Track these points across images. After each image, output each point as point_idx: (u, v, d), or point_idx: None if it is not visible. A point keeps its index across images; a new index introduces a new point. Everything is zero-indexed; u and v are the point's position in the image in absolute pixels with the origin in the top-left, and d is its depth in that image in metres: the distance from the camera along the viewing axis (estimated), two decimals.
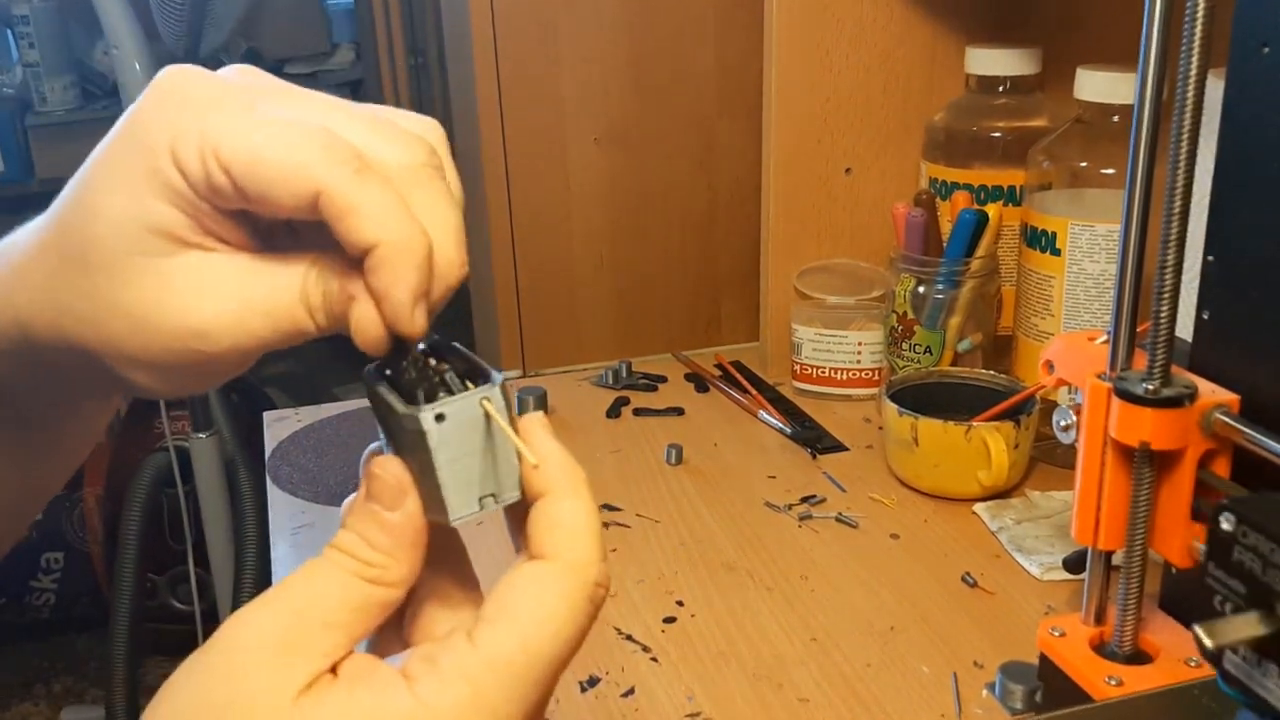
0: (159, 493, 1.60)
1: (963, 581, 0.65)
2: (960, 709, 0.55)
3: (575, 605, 0.28)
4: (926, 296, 0.80)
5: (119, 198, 0.30)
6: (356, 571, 0.29)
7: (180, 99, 0.30)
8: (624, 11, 0.93)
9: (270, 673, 0.27)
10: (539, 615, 0.28)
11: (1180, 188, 0.42)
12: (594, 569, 0.29)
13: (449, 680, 0.27)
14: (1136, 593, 0.47)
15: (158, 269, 0.30)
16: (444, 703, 0.27)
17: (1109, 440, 0.46)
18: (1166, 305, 0.43)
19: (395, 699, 0.27)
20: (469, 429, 0.29)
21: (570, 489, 0.30)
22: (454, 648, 0.28)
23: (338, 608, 0.28)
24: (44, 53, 1.87)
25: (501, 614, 0.28)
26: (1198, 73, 0.41)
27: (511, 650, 0.27)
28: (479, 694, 0.27)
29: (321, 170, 0.28)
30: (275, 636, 0.28)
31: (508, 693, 0.27)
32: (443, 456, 0.29)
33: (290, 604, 0.28)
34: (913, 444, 0.73)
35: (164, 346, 0.30)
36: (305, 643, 0.28)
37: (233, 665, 0.27)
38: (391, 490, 0.29)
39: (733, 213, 1.00)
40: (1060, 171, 0.75)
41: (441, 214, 0.30)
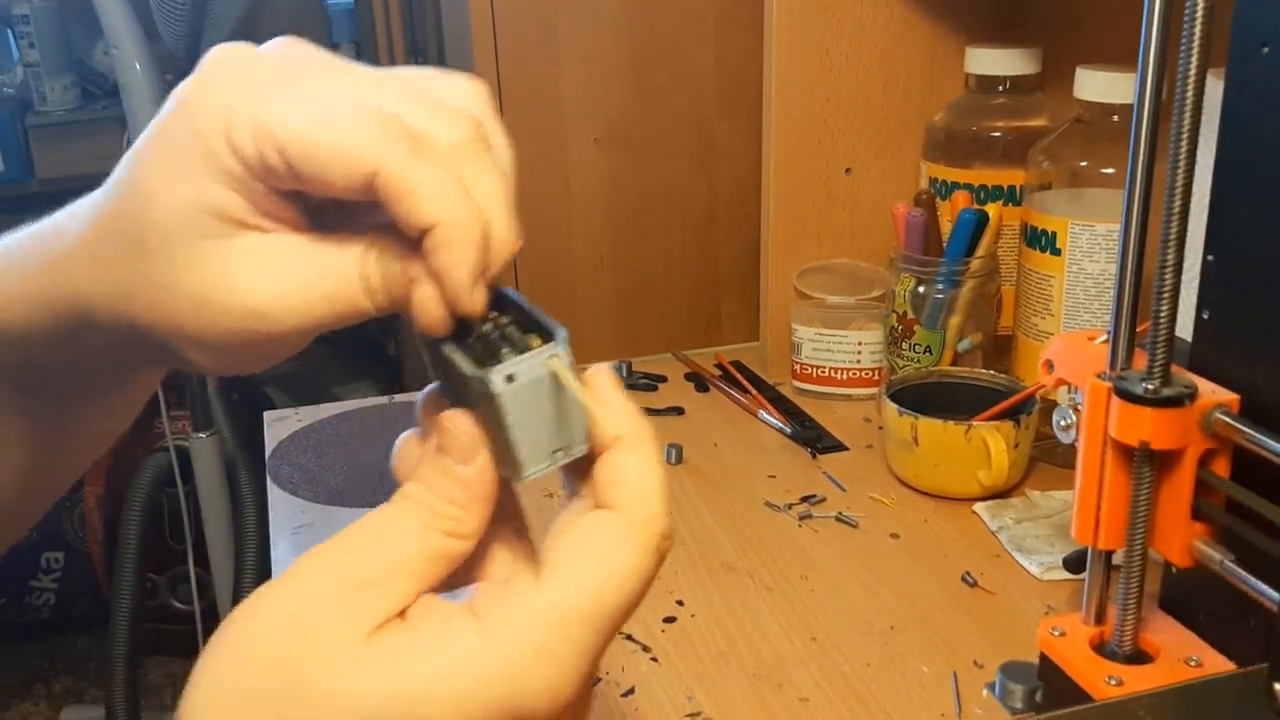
0: (159, 492, 1.60)
1: (963, 581, 0.65)
2: (960, 709, 0.55)
3: (643, 559, 0.28)
4: (926, 296, 0.80)
5: (175, 182, 0.30)
6: (429, 523, 0.29)
7: (230, 79, 0.30)
8: (624, 11, 0.93)
9: (341, 610, 0.27)
10: (608, 568, 0.28)
11: (1180, 187, 0.42)
12: (660, 523, 0.29)
13: (517, 625, 0.27)
14: (1137, 592, 0.47)
15: (216, 251, 0.30)
16: (511, 647, 0.27)
17: (1109, 440, 0.46)
18: (1166, 305, 0.43)
19: (462, 637, 0.27)
20: (537, 387, 0.29)
21: (637, 442, 0.30)
22: (521, 591, 0.28)
23: (411, 556, 0.28)
24: (44, 53, 1.87)
25: (570, 563, 0.28)
26: (1197, 72, 0.41)
27: (580, 600, 0.27)
28: (546, 640, 0.27)
29: (376, 151, 0.28)
30: (348, 576, 0.28)
31: (574, 642, 0.27)
32: (513, 416, 0.29)
33: (363, 548, 0.28)
34: (913, 444, 0.73)
35: (225, 328, 0.31)
36: (377, 585, 0.28)
37: (305, 601, 0.28)
38: (463, 445, 0.29)
39: (733, 213, 1.00)
40: (1060, 171, 0.75)
41: (491, 189, 0.30)
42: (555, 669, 0.27)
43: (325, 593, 0.28)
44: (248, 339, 0.31)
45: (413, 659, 0.27)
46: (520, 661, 0.27)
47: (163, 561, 1.73)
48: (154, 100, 1.59)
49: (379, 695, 0.27)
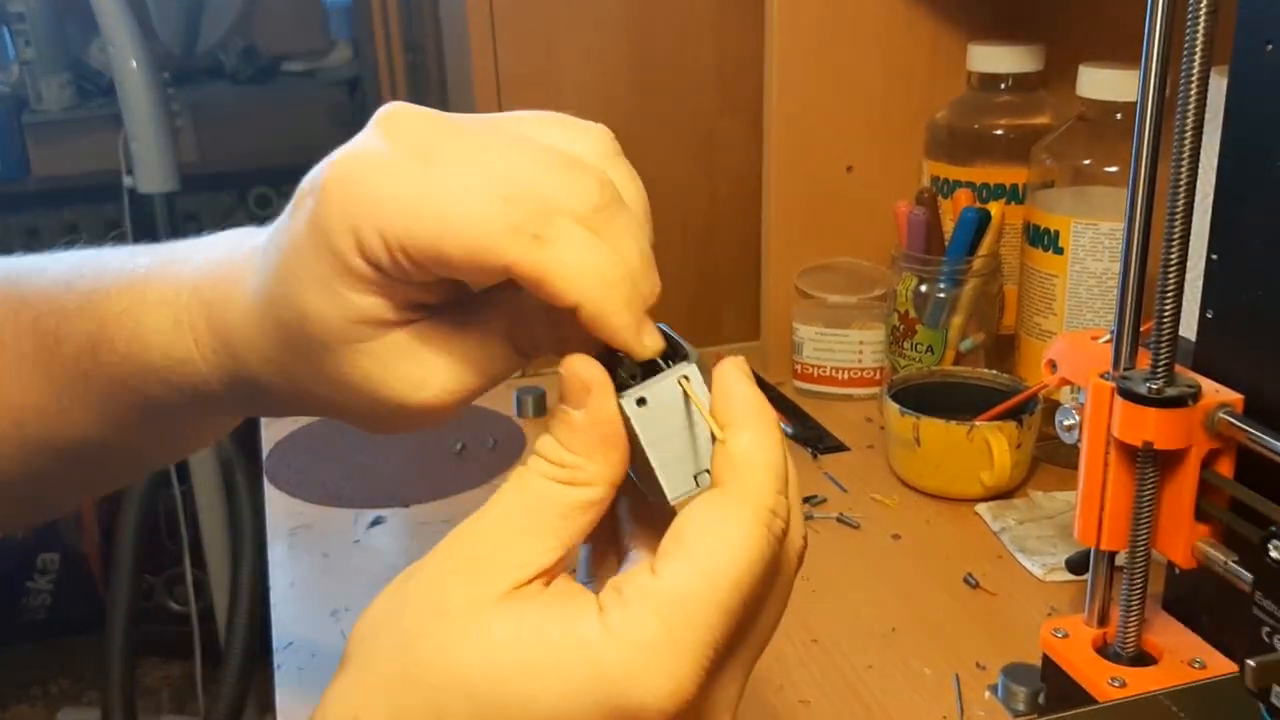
0: (156, 494, 1.60)
1: (965, 582, 0.65)
2: (962, 711, 0.54)
3: (753, 533, 0.28)
4: (928, 295, 0.80)
5: (320, 297, 0.31)
6: (551, 474, 0.29)
7: (354, 186, 0.30)
8: (624, 11, 0.92)
9: (471, 576, 0.28)
10: (712, 542, 0.27)
11: (1183, 185, 0.42)
12: (767, 496, 0.28)
13: (635, 612, 0.27)
14: (1140, 594, 0.47)
15: (374, 353, 0.32)
16: (630, 635, 0.26)
17: (1112, 440, 0.45)
18: (1170, 304, 0.43)
19: (584, 623, 0.27)
20: (670, 409, 0.30)
21: (750, 421, 0.30)
22: (636, 578, 0.27)
23: (537, 512, 0.29)
24: (40, 50, 1.87)
25: (678, 545, 0.28)
26: (1201, 70, 0.41)
27: (690, 580, 0.27)
28: (666, 626, 0.26)
29: (504, 247, 0.29)
30: (484, 541, 0.28)
31: (694, 623, 0.27)
32: (648, 439, 0.29)
33: (498, 515, 0.29)
34: (914, 444, 0.73)
35: (397, 416, 0.33)
36: (507, 549, 0.28)
37: (443, 568, 0.28)
38: (575, 388, 0.29)
39: (733, 212, 0.99)
40: (1063, 169, 0.75)
41: (629, 248, 0.30)
42: (672, 661, 0.26)
43: (460, 558, 0.28)
44: (420, 422, 0.33)
45: (530, 637, 0.27)
46: (635, 654, 0.26)
47: (159, 563, 1.73)
48: (150, 98, 1.59)
49: (487, 666, 0.27)
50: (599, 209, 0.30)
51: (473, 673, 0.27)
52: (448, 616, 0.27)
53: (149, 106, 1.58)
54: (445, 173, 0.30)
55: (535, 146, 0.31)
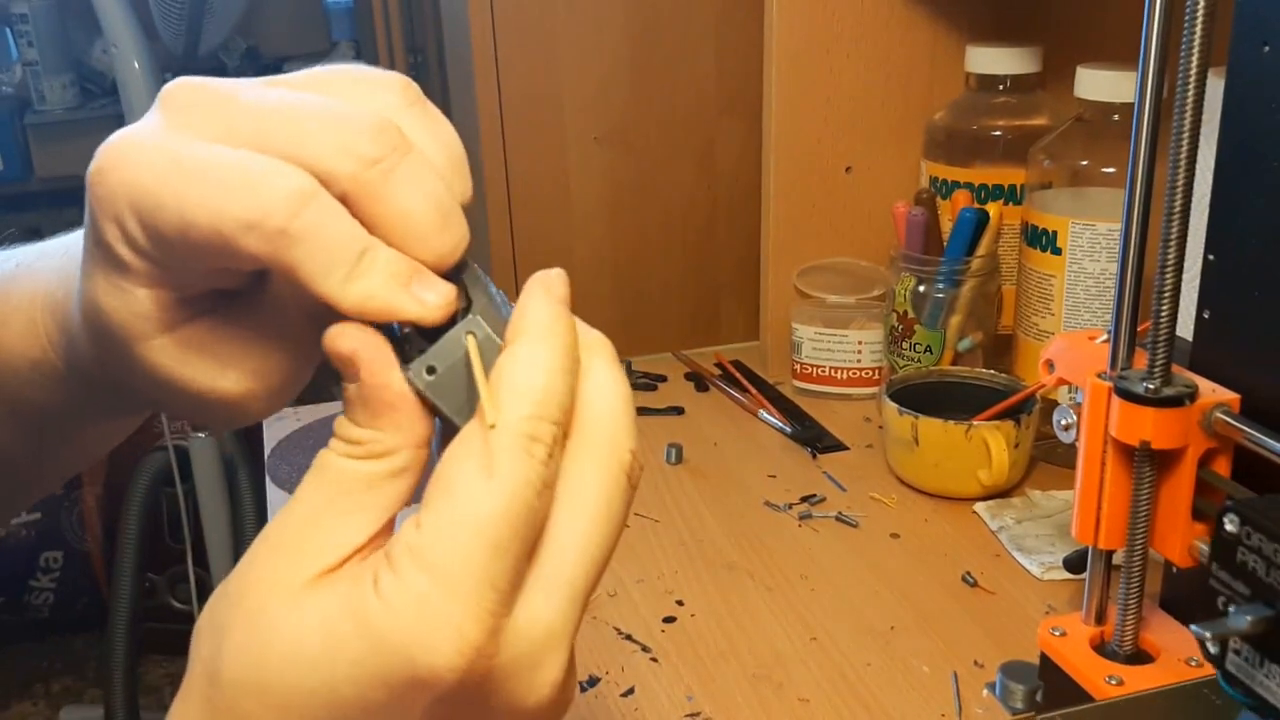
0: (158, 492, 1.60)
1: (963, 581, 0.65)
2: (961, 708, 0.55)
3: (506, 461, 0.26)
4: (927, 295, 0.80)
5: (106, 291, 0.30)
6: (347, 452, 0.28)
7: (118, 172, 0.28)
8: (624, 12, 0.92)
9: (277, 564, 0.27)
10: (466, 481, 0.26)
11: (1181, 186, 0.42)
12: (524, 423, 0.26)
13: (402, 572, 0.25)
14: (1137, 592, 0.47)
15: (164, 347, 0.30)
16: (400, 596, 0.25)
17: (1109, 439, 0.46)
18: (1167, 304, 0.43)
19: (362, 598, 0.25)
20: (464, 368, 0.27)
21: (533, 335, 0.27)
22: (402, 536, 0.26)
23: (339, 492, 0.27)
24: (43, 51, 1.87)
25: (437, 490, 0.26)
26: (1198, 71, 0.41)
27: (449, 525, 0.25)
28: (433, 578, 0.25)
29: (242, 235, 0.26)
30: (293, 525, 0.27)
31: (462, 567, 0.25)
32: (449, 406, 0.27)
33: (304, 499, 0.28)
34: (913, 443, 0.73)
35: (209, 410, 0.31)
36: (314, 531, 0.27)
37: (254, 555, 0.27)
38: (342, 364, 0.28)
39: (733, 212, 1.00)
40: (1061, 170, 0.75)
41: (411, 201, 0.27)
42: (447, 612, 0.25)
43: (270, 544, 0.27)
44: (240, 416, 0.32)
45: (316, 622, 0.25)
46: (409, 616, 0.25)
47: (162, 561, 1.73)
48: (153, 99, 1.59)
49: (279, 664, 0.25)
50: (373, 162, 0.27)
51: (266, 669, 0.26)
52: (245, 609, 0.26)
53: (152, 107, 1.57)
54: (195, 152, 0.27)
55: (307, 107, 0.28)
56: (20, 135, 1.87)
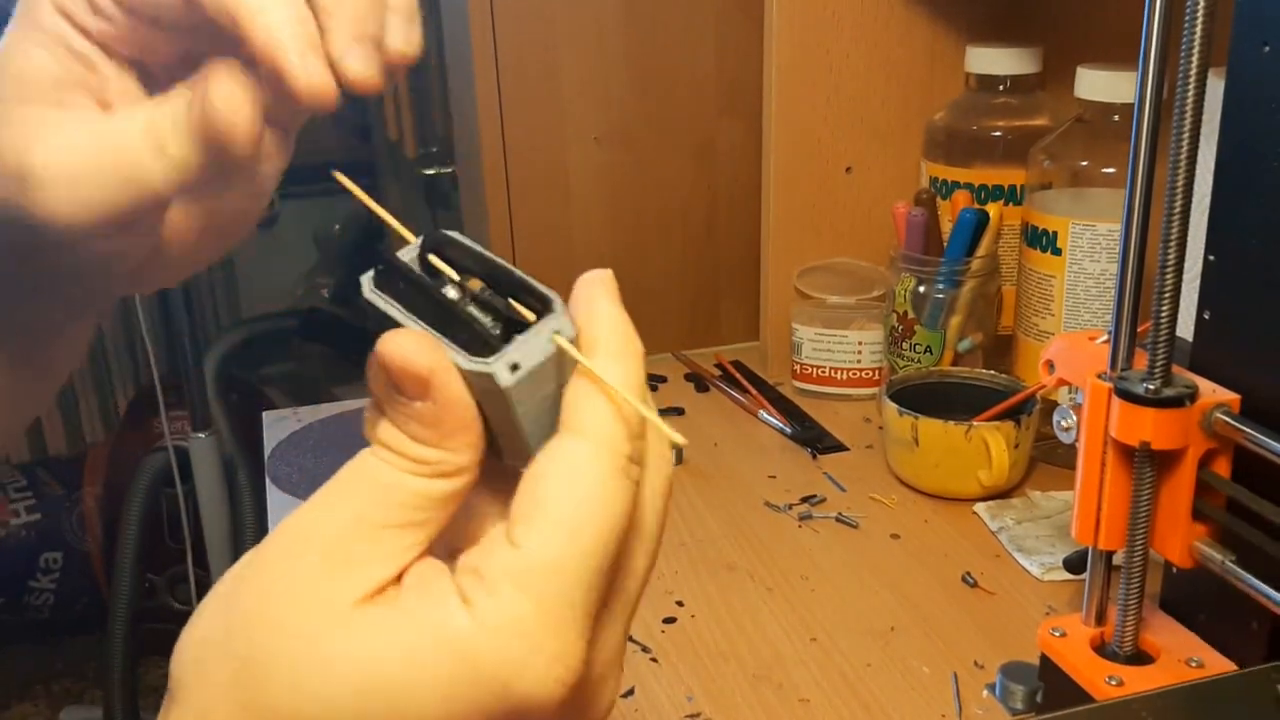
0: (158, 492, 1.60)
1: (963, 582, 0.65)
2: (961, 709, 0.55)
3: (607, 484, 0.25)
4: (927, 296, 0.80)
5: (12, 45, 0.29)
6: (410, 470, 0.25)
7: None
8: (624, 11, 0.92)
9: (326, 577, 0.24)
10: (570, 501, 0.25)
11: (1181, 187, 0.42)
12: (622, 443, 0.25)
13: (501, 594, 0.24)
14: (1137, 593, 0.47)
15: (25, 118, 0.29)
16: (502, 621, 0.24)
17: (1110, 440, 0.46)
18: (1167, 305, 0.43)
19: (450, 618, 0.24)
20: (545, 370, 0.25)
21: (621, 348, 0.26)
22: (494, 554, 0.24)
23: (399, 508, 0.25)
24: None
25: (534, 509, 0.25)
26: (1198, 71, 0.41)
27: (553, 548, 0.24)
28: (537, 604, 0.24)
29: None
30: (335, 538, 0.25)
31: (566, 594, 0.24)
32: (523, 408, 0.25)
33: (350, 504, 0.25)
34: (913, 444, 0.73)
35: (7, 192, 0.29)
36: (365, 546, 0.25)
37: (289, 568, 0.25)
38: (410, 380, 0.25)
39: (733, 212, 1.00)
40: (1061, 171, 0.75)
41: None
42: (551, 644, 0.24)
43: (307, 557, 0.25)
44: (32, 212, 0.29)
45: (396, 645, 0.24)
46: (511, 641, 0.24)
47: (161, 561, 1.73)
48: None
49: (351, 688, 0.24)
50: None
51: (336, 699, 0.24)
52: (297, 631, 0.24)
53: None
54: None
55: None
56: None
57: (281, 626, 0.24)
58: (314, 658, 0.24)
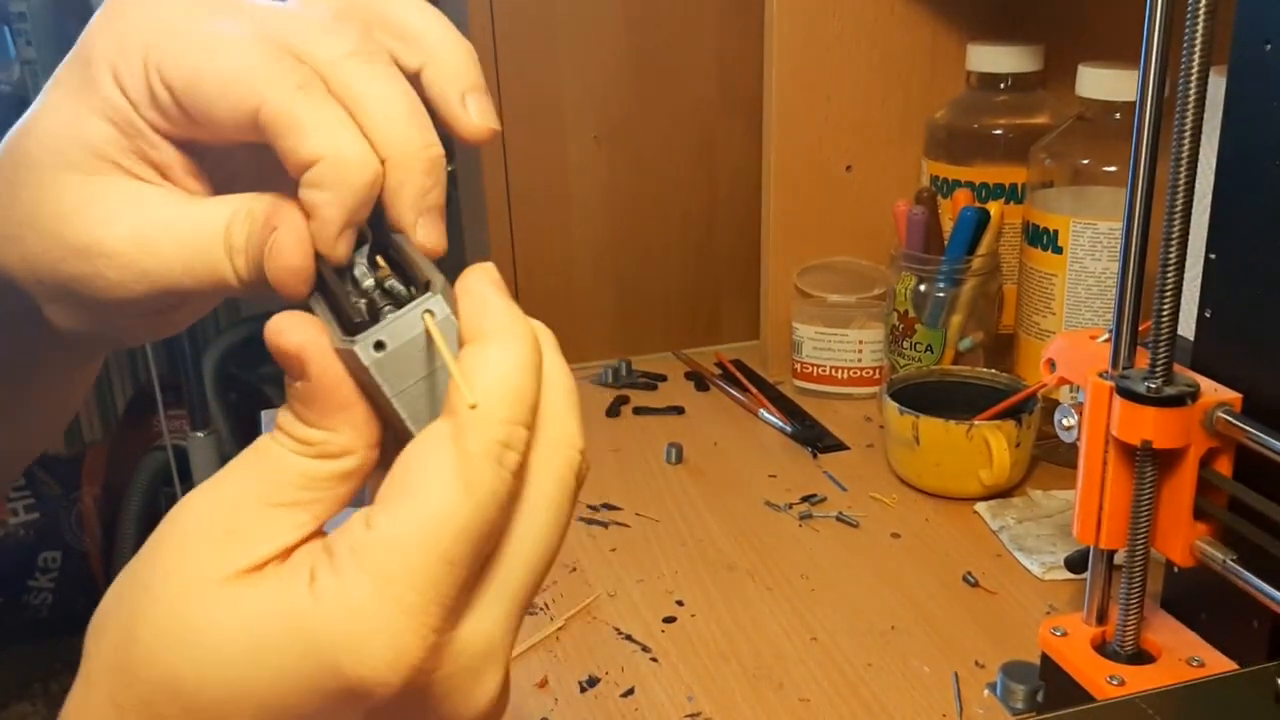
0: (157, 492, 1.60)
1: (964, 581, 0.65)
2: (961, 709, 0.55)
3: (473, 468, 0.24)
4: (928, 295, 0.80)
5: (58, 113, 0.29)
6: (294, 449, 0.26)
7: (125, 13, 0.29)
8: (624, 11, 0.92)
9: (208, 555, 0.25)
10: (429, 484, 0.24)
11: (1182, 185, 0.42)
12: (495, 428, 0.24)
13: (344, 573, 0.24)
14: (1138, 592, 0.47)
15: (82, 185, 0.29)
16: (340, 599, 0.23)
17: (1111, 439, 0.46)
18: (1168, 303, 0.43)
19: (294, 595, 0.24)
20: (414, 348, 0.26)
21: (502, 331, 0.26)
22: (349, 533, 0.24)
23: (282, 487, 0.25)
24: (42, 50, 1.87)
25: (394, 491, 0.24)
26: (1200, 70, 0.41)
27: (404, 529, 0.24)
28: (380, 586, 0.23)
29: (261, 84, 0.27)
30: (219, 514, 0.25)
31: (412, 578, 0.23)
32: (391, 387, 0.26)
33: (233, 486, 0.26)
34: (914, 443, 0.73)
35: (73, 268, 0.29)
36: (247, 523, 0.25)
37: (170, 542, 0.26)
38: (288, 359, 0.26)
39: (733, 211, 1.00)
40: (1062, 169, 0.75)
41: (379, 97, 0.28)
42: (390, 623, 0.23)
43: (189, 532, 0.25)
44: (95, 285, 0.29)
45: (241, 621, 0.24)
46: (348, 622, 0.23)
47: None
48: None
49: (195, 661, 0.24)
50: (356, 53, 0.28)
51: (181, 668, 0.24)
52: (161, 601, 0.24)
53: None
54: (214, 13, 0.28)
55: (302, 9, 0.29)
56: None
57: (156, 595, 0.25)
58: (173, 627, 0.24)
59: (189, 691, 0.24)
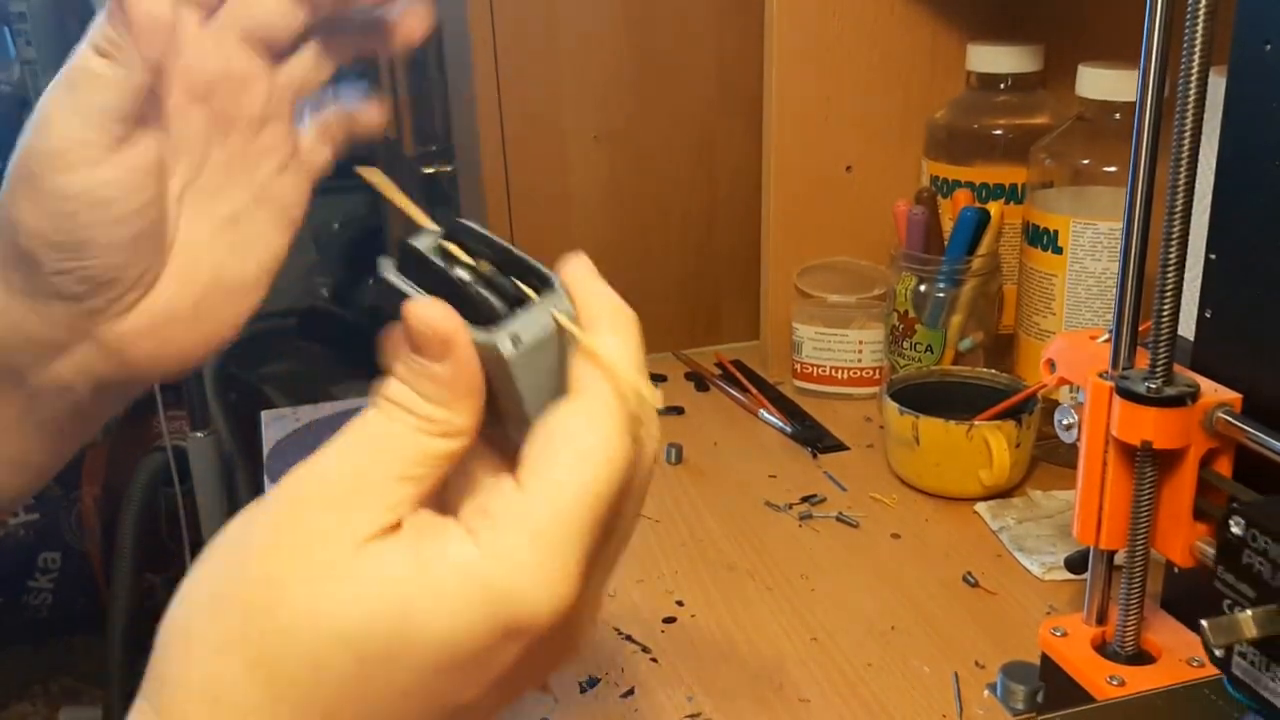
0: (157, 492, 1.60)
1: (964, 581, 0.65)
2: (961, 709, 0.55)
3: (614, 440, 0.27)
4: (928, 295, 0.80)
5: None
6: (418, 427, 0.27)
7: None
8: (624, 11, 0.92)
9: (335, 518, 0.26)
10: (578, 454, 0.27)
11: (1182, 185, 0.42)
12: (629, 402, 0.28)
13: (508, 531, 0.26)
14: (1138, 592, 0.47)
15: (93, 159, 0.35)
16: (507, 552, 0.26)
17: (1111, 439, 0.46)
18: (1168, 303, 0.43)
19: (459, 548, 0.26)
20: (544, 343, 0.28)
21: (610, 324, 0.29)
22: (503, 494, 0.27)
23: (405, 462, 0.27)
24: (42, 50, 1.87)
25: (544, 458, 0.27)
26: (1200, 70, 0.41)
27: (559, 494, 0.26)
28: (539, 536, 0.26)
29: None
30: (342, 485, 0.27)
31: (567, 537, 0.26)
32: (524, 381, 0.27)
33: (357, 456, 0.27)
34: (914, 443, 0.73)
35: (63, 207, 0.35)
36: (372, 493, 0.27)
37: (297, 511, 0.27)
38: (432, 342, 0.27)
39: (733, 211, 1.00)
40: (1062, 169, 0.75)
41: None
42: (549, 574, 0.26)
43: (315, 502, 0.27)
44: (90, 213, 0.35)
45: (405, 572, 0.26)
46: (513, 573, 0.26)
47: (160, 561, 1.73)
48: None
49: (363, 609, 0.26)
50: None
51: (350, 617, 0.26)
52: (318, 555, 0.26)
53: None
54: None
55: None
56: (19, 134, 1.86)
57: (292, 567, 0.26)
58: (329, 581, 0.26)
59: (358, 637, 0.25)
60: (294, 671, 0.26)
